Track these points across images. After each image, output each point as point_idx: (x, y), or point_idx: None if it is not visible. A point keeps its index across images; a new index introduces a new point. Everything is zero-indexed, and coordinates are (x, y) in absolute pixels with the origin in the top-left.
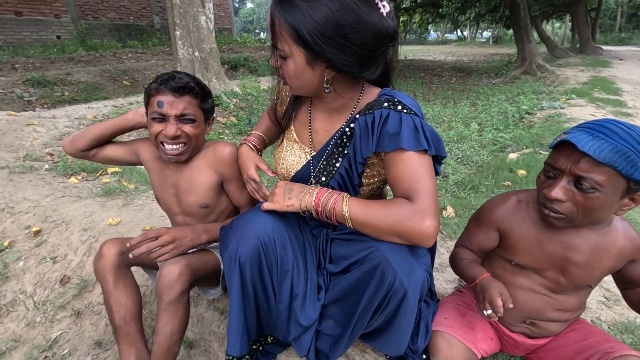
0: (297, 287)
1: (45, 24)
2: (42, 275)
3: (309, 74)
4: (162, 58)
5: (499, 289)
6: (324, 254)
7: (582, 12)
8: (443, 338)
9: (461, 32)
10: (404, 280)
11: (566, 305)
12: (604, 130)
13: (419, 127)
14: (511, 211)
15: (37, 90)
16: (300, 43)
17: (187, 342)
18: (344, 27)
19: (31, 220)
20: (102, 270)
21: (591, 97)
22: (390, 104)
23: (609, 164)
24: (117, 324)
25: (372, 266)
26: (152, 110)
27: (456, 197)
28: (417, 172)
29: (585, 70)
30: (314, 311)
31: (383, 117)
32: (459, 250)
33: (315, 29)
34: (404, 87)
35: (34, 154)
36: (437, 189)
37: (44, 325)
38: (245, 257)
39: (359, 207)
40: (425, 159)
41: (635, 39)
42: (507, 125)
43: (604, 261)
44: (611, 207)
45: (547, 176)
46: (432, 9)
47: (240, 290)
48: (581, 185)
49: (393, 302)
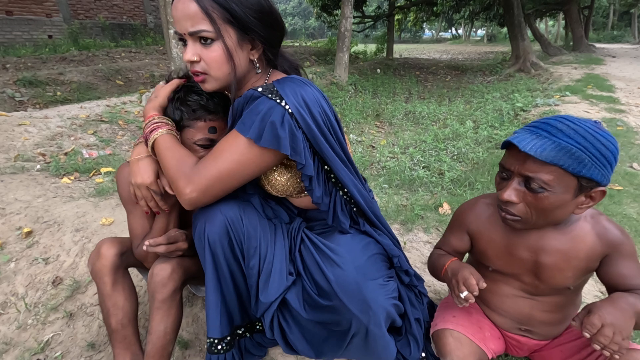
0: (263, 264)
1: (37, 24)
2: (34, 276)
3: (240, 56)
4: (156, 57)
5: (469, 269)
6: (295, 240)
7: (575, 10)
8: (453, 337)
9: (456, 31)
10: (362, 319)
11: (554, 306)
12: (548, 128)
13: (262, 112)
14: (480, 215)
15: (29, 91)
16: (232, 20)
17: (182, 342)
18: (261, 3)
19: (22, 221)
20: (100, 272)
21: (585, 94)
22: (264, 88)
23: (553, 162)
24: (113, 327)
25: (330, 305)
26: (201, 137)
27: (452, 194)
28: (222, 150)
29: (579, 67)
30: (275, 291)
31: (247, 98)
32: (435, 251)
33: (242, 4)
34: (399, 86)
35: (26, 155)
36: (234, 176)
37: (35, 328)
38: (214, 235)
39: (163, 145)
40: (242, 143)
41: (627, 37)
42: (502, 122)
43: (574, 261)
44: (566, 206)
45: (501, 177)
46: (427, 7)
47: (213, 270)
48: (530, 185)
49: (358, 337)
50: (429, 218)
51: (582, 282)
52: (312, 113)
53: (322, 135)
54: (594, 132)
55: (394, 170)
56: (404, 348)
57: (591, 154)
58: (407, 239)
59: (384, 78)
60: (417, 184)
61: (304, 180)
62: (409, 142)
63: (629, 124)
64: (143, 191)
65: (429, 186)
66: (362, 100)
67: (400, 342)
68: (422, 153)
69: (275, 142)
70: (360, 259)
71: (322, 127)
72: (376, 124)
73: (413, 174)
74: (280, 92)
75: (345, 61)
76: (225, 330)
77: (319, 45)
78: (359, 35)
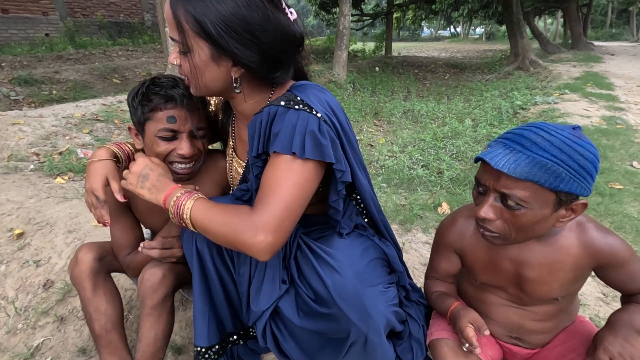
0: (254, 271)
1: (33, 22)
2: (25, 279)
3: (214, 71)
4: (153, 55)
5: (468, 318)
6: (291, 247)
7: (573, 8)
8: (448, 347)
9: (454, 29)
10: (361, 327)
11: (544, 315)
12: (522, 141)
13: (299, 125)
14: (462, 232)
15: (24, 89)
16: (204, 36)
17: (175, 347)
18: (250, 23)
19: (14, 222)
20: (78, 277)
21: (584, 92)
22: (285, 100)
23: (528, 178)
24: (97, 332)
25: (328, 313)
26: (161, 128)
27: (451, 193)
28: (277, 180)
29: (578, 65)
30: (267, 299)
31: (271, 115)
32: (428, 283)
33: (220, 22)
34: (397, 84)
35: (19, 154)
36: (299, 201)
37: (25, 332)
38: (202, 241)
39: (202, 211)
40: (297, 165)
41: (626, 35)
42: (501, 120)
43: (560, 273)
44: (545, 221)
45: (478, 192)
46: (425, 5)
47: (201, 276)
48: (507, 202)
49: (357, 346)
50: (428, 218)
51: (573, 291)
52: (339, 119)
53: (347, 142)
54: (571, 143)
55: (393, 169)
56: (405, 353)
57: (568, 166)
58: (406, 240)
59: (383, 76)
60: (416, 183)
61: (332, 189)
62: (407, 141)
63: (629, 122)
64: (90, 197)
65: (428, 185)
66: (361, 99)
67: (401, 346)
68: (421, 152)
69: (319, 152)
70: (359, 265)
71: (348, 133)
72: (375, 123)
73: (412, 173)
74: (306, 101)
75: (343, 59)
76: (213, 338)
77: (317, 44)
78: (358, 34)
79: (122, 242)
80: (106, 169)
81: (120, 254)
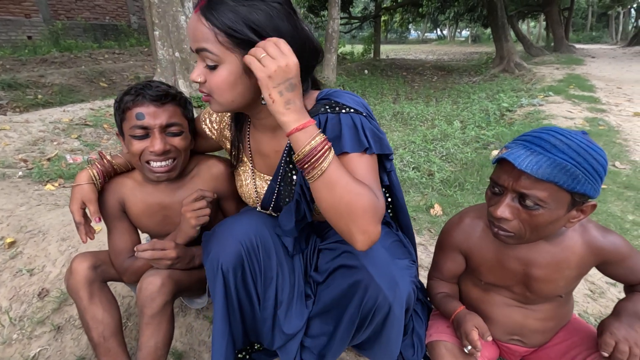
0: (281, 294)
1: (15, 24)
2: (18, 289)
3: (245, 83)
4: (141, 59)
5: (473, 323)
6: (311, 261)
7: (555, 11)
8: (446, 349)
9: (441, 31)
10: (388, 295)
11: (546, 314)
12: (542, 144)
13: (358, 125)
14: (470, 233)
15: (8, 94)
16: (238, 48)
17: (175, 354)
18: (283, 33)
19: (5, 230)
20: (74, 287)
21: (567, 94)
22: (329, 107)
23: (549, 179)
24: (95, 341)
25: (355, 281)
26: (131, 126)
27: (443, 194)
28: (367, 175)
29: (560, 67)
30: (299, 320)
31: (322, 123)
32: (432, 284)
33: (254, 33)
34: (386, 86)
35: (6, 161)
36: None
37: (21, 343)
38: (228, 264)
39: (341, 168)
40: (368, 159)
41: (605, 38)
42: (489, 122)
43: (566, 271)
44: (558, 221)
45: (493, 192)
46: (412, 8)
47: (223, 299)
48: (525, 202)
49: (378, 317)
50: (420, 219)
51: (572, 288)
52: (373, 117)
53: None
54: (586, 147)
55: None
56: (407, 349)
57: (584, 169)
58: None
59: (372, 79)
60: (408, 185)
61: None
62: (398, 143)
63: (610, 123)
64: (74, 217)
65: (420, 187)
66: None
67: (404, 342)
68: (412, 154)
69: (380, 146)
70: (385, 242)
71: (380, 131)
72: None
73: (403, 175)
74: (345, 103)
75: (333, 62)
76: (230, 357)
77: None
78: (346, 36)
79: (119, 247)
80: (82, 192)
81: (118, 259)
